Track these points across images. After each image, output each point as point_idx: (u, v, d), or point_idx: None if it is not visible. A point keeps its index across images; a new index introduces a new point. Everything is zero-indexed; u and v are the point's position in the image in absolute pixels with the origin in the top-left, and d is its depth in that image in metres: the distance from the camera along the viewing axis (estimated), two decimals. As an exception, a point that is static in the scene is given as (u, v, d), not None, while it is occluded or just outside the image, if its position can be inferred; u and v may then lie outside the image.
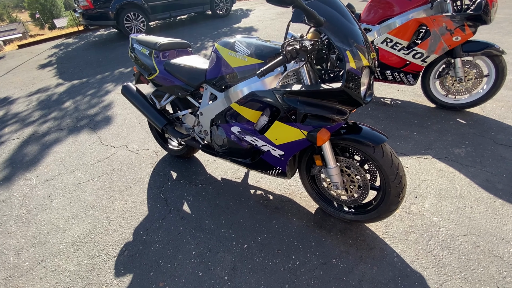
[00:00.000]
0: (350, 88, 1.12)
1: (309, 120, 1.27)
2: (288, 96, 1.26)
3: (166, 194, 2.01)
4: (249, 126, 1.49)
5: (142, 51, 1.94)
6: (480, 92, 2.39)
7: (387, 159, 1.28)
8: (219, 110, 1.60)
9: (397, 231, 1.55)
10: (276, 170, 1.58)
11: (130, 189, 2.11)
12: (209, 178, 2.12)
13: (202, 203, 1.89)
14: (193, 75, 1.71)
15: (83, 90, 4.25)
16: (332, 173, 1.41)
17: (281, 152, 1.45)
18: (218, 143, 1.73)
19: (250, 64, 1.37)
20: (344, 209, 1.59)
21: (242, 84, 1.42)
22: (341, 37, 1.11)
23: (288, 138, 1.36)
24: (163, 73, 1.83)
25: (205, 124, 1.76)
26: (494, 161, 1.94)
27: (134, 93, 2.02)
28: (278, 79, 1.35)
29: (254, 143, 1.51)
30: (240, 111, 1.46)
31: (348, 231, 1.58)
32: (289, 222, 1.68)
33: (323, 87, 1.17)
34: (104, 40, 7.34)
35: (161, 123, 1.93)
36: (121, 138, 2.79)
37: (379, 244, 1.49)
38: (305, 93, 1.22)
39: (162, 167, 2.30)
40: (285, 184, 1.96)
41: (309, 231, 1.61)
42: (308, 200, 1.81)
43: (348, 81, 1.11)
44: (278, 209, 1.77)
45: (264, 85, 1.36)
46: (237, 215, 1.76)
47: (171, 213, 1.84)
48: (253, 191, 1.94)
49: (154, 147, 2.58)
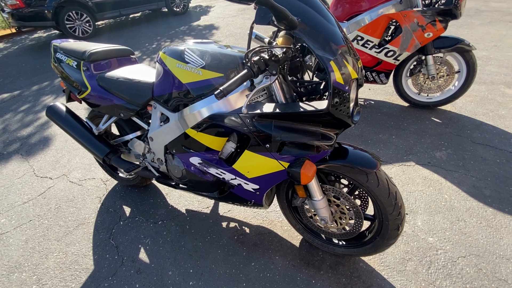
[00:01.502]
0: (337, 108, 0.86)
1: (287, 148, 0.99)
2: (259, 120, 0.98)
3: (118, 238, 1.63)
4: (213, 156, 1.18)
5: (68, 63, 1.52)
6: (452, 89, 2.33)
7: (383, 188, 1.05)
8: (173, 135, 1.27)
9: (393, 260, 1.36)
10: (250, 203, 1.30)
11: (71, 235, 1.68)
12: (171, 212, 1.76)
13: (163, 247, 1.54)
14: (137, 91, 1.35)
15: (14, 105, 3.57)
16: (319, 206, 1.16)
17: (255, 186, 1.16)
18: (175, 174, 1.39)
19: (206, 79, 1.06)
20: (333, 242, 1.36)
21: (199, 104, 1.10)
22: (321, 43, 0.84)
23: (262, 170, 1.08)
24: (96, 90, 1.43)
25: (158, 151, 1.41)
26: (476, 164, 1.86)
27: (64, 115, 1.59)
28: (244, 97, 1.06)
29: (221, 176, 1.20)
30: (199, 139, 1.15)
31: (340, 266, 1.35)
32: (271, 262, 1.40)
33: (303, 107, 0.90)
34: (42, 44, 6.43)
35: (101, 152, 1.53)
36: (60, 166, 2.30)
37: (376, 280, 1.28)
38: (280, 116, 0.94)
39: (112, 201, 1.89)
40: (262, 212, 1.68)
41: (296, 271, 1.35)
42: (291, 230, 1.55)
43: (334, 100, 0.85)
44: (256, 245, 1.49)
45: (227, 105, 1.06)
46: (207, 260, 1.45)
47: (124, 265, 1.47)
48: (226, 223, 1.64)
49: (101, 175, 2.14)
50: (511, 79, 2.81)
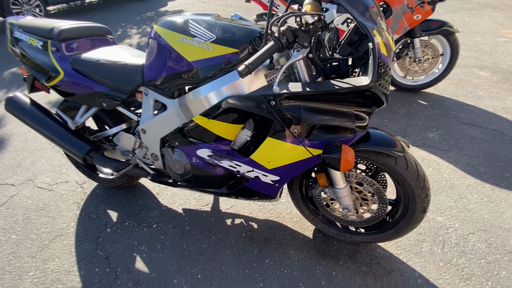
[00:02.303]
0: (379, 84, 0.77)
1: (317, 132, 0.89)
2: (286, 102, 0.85)
3: (106, 248, 1.42)
4: (225, 147, 1.04)
5: (30, 43, 1.25)
6: (436, 72, 2.39)
7: (412, 170, 1.00)
8: (173, 126, 1.09)
9: (408, 242, 1.34)
10: (264, 197, 1.18)
11: (47, 249, 1.43)
12: (166, 212, 1.58)
13: (163, 253, 1.37)
14: (123, 75, 1.15)
15: (-48, 103, 3.01)
16: (342, 194, 1.08)
17: (275, 177, 1.04)
18: (176, 171, 1.22)
19: (218, 56, 0.90)
20: (350, 230, 1.30)
21: (208, 86, 0.94)
22: (361, 9, 0.74)
23: (286, 159, 0.96)
24: (71, 76, 1.19)
25: (152, 145, 1.23)
26: (466, 142, 1.92)
27: (28, 108, 1.31)
28: (260, 77, 0.93)
29: (235, 169, 1.07)
30: (209, 127, 0.99)
31: (357, 254, 1.30)
32: (286, 257, 1.31)
33: (339, 85, 0.80)
34: (-18, 32, 5.54)
35: (81, 150, 1.30)
36: (23, 170, 1.97)
37: (395, 264, 1.26)
38: (312, 95, 0.83)
39: (94, 206, 1.65)
40: (268, 205, 1.57)
41: (314, 264, 1.27)
42: (301, 221, 1.47)
43: (378, 73, 0.75)
44: (267, 241, 1.39)
45: (241, 87, 0.92)
46: (216, 262, 1.31)
47: (119, 278, 1.28)
48: (230, 220, 1.51)
49: (77, 177, 1.87)
50: (481, 62, 2.98)
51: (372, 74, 0.75)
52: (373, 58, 0.74)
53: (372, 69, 0.75)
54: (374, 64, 0.74)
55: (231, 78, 0.91)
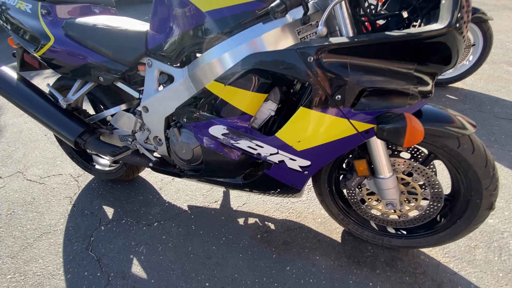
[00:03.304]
0: (459, 30, 0.58)
1: (366, 100, 0.69)
2: (327, 58, 0.66)
3: (99, 248, 1.22)
4: (244, 123, 0.84)
5: (18, 7, 1.08)
6: (466, 64, 2.19)
7: (480, 155, 0.79)
8: (180, 100, 0.91)
9: (457, 249, 1.12)
10: (288, 189, 0.98)
11: (31, 249, 1.24)
12: (168, 210, 1.38)
13: (164, 255, 1.17)
14: (125, 42, 0.97)
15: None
16: (387, 186, 0.87)
17: (305, 162, 0.84)
18: (183, 156, 1.02)
19: (241, 4, 0.72)
20: (389, 232, 1.08)
21: (224, 45, 0.76)
22: None
23: (323, 137, 0.76)
24: (62, 42, 1.02)
25: (156, 126, 1.04)
26: (508, 138, 1.71)
27: (14, 82, 1.14)
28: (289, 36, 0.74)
29: (255, 151, 0.87)
30: (226, 96, 0.80)
31: (397, 261, 1.08)
32: (310, 263, 1.10)
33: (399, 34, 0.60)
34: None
35: (73, 132, 1.11)
36: (14, 162, 1.79)
37: (445, 274, 1.03)
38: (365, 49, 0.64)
39: (88, 202, 1.46)
40: (286, 203, 1.37)
41: (345, 273, 1.06)
42: (327, 222, 1.25)
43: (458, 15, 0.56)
44: (287, 244, 1.17)
45: (265, 46, 0.73)
46: (227, 268, 1.10)
47: (112, 284, 1.08)
48: (242, 220, 1.30)
49: (71, 170, 1.69)
50: (509, 58, 2.78)
51: (450, 15, 0.56)
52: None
53: (449, 10, 0.56)
54: (455, 2, 0.55)
55: (254, 33, 0.73)
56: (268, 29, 0.73)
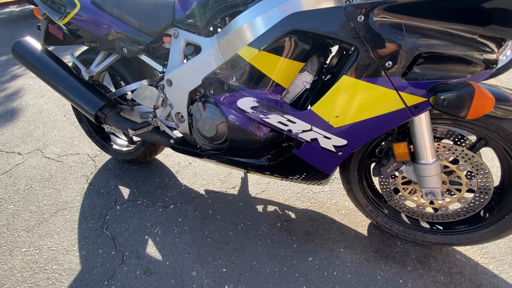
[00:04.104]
0: None
1: (420, 69, 0.61)
2: (383, 16, 0.59)
3: (114, 227, 1.19)
4: (275, 96, 0.78)
5: (45, -26, 1.06)
6: (503, 60, 2.04)
7: (542, 140, 0.70)
8: (207, 71, 0.85)
9: (498, 250, 1.02)
10: (316, 174, 0.91)
11: (47, 224, 1.22)
12: (185, 193, 1.34)
13: (180, 238, 1.12)
14: (151, 10, 0.93)
15: (-25, 75, 2.96)
16: (430, 173, 0.79)
17: (341, 141, 0.77)
18: (206, 133, 0.97)
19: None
20: (423, 227, 1.00)
21: (258, 6, 0.70)
22: None
23: (366, 111, 0.69)
24: (88, 10, 0.98)
25: (179, 101, 0.99)
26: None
27: (38, 52, 1.11)
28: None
29: (285, 127, 0.80)
30: (259, 64, 0.74)
31: (431, 259, 1.00)
32: (334, 256, 1.02)
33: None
34: (15, 17, 5.70)
35: (94, 105, 1.08)
36: (33, 140, 1.80)
37: (485, 276, 0.94)
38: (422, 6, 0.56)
39: (104, 181, 1.44)
40: (308, 192, 1.30)
41: (373, 268, 0.98)
42: (352, 214, 1.18)
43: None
44: (309, 234, 1.11)
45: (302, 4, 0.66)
46: (245, 254, 1.05)
47: (126, 264, 1.04)
48: (262, 207, 1.24)
49: (89, 150, 1.67)
50: (548, 57, 2.59)
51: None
52: None
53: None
54: None
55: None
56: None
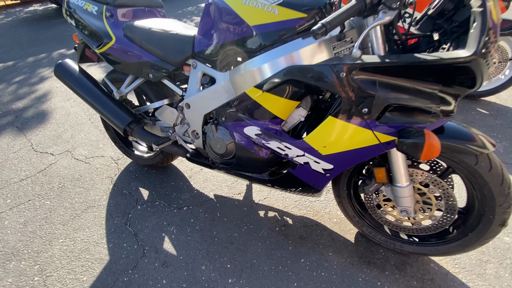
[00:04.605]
0: (484, 58, 0.64)
1: (391, 115, 0.76)
2: (358, 75, 0.74)
3: (136, 224, 1.38)
4: (276, 126, 0.94)
5: (85, 8, 1.25)
6: (502, 79, 2.13)
7: (496, 173, 0.84)
8: (220, 101, 1.02)
9: (469, 261, 1.16)
10: (308, 189, 1.07)
11: (79, 219, 1.43)
12: (196, 196, 1.52)
13: (192, 237, 1.31)
14: (174, 45, 1.10)
15: (8, 76, 3.24)
16: (404, 194, 0.94)
17: (328, 165, 0.93)
18: (217, 150, 1.15)
19: (283, 21, 0.82)
20: (401, 238, 1.15)
21: (265, 56, 0.86)
22: None
23: (347, 144, 0.85)
24: (122, 42, 1.17)
25: (195, 122, 1.17)
26: (537, 158, 1.67)
27: (77, 74, 1.31)
28: (324, 50, 0.82)
29: (283, 152, 0.97)
30: (263, 101, 0.91)
31: (407, 266, 1.14)
32: (324, 259, 1.19)
33: (428, 58, 0.67)
34: (39, 17, 6.01)
35: (123, 121, 1.27)
36: (63, 141, 2.02)
37: (453, 284, 1.08)
38: (393, 69, 0.71)
39: (126, 183, 1.64)
40: (305, 201, 1.46)
41: (355, 271, 1.14)
42: (342, 223, 1.33)
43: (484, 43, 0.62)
44: (303, 239, 1.27)
45: (302, 59, 0.82)
46: (247, 253, 1.22)
47: (146, 257, 1.23)
48: (263, 212, 1.41)
49: (112, 153, 1.88)
50: (552, 74, 2.64)
51: (476, 43, 0.62)
52: (481, 24, 0.61)
53: (476, 38, 0.62)
54: (482, 31, 0.61)
55: (293, 47, 0.82)
56: (306, 44, 0.82)
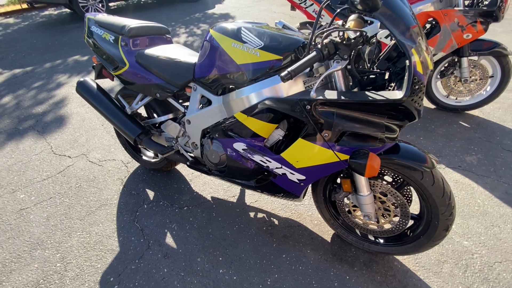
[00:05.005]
0: (412, 99, 0.82)
1: (347, 139, 0.95)
2: (320, 107, 0.93)
3: (142, 221, 1.59)
4: (258, 143, 1.14)
5: (104, 37, 1.46)
6: (483, 94, 2.28)
7: (438, 187, 1.02)
8: (214, 119, 1.22)
9: (428, 261, 1.33)
10: (287, 194, 1.26)
11: (94, 215, 1.65)
12: (196, 198, 1.73)
13: (190, 233, 1.51)
14: (177, 70, 1.30)
15: (27, 81, 3.51)
16: (365, 202, 1.12)
17: (301, 176, 1.12)
18: (212, 160, 1.35)
19: (264, 61, 1.01)
20: (369, 239, 1.33)
21: (250, 88, 1.05)
22: (402, 28, 0.80)
23: (314, 160, 1.04)
24: (134, 68, 1.38)
25: (194, 135, 1.37)
26: (507, 170, 1.82)
27: (95, 92, 1.53)
28: (299, 83, 1.02)
29: (265, 164, 1.16)
30: (248, 123, 1.10)
31: (374, 264, 1.33)
32: (302, 255, 1.38)
33: (373, 96, 0.86)
34: (54, 21, 6.31)
35: (133, 132, 1.48)
36: (79, 145, 2.26)
37: (412, 280, 1.26)
38: (345, 104, 0.90)
39: (135, 184, 1.86)
40: (291, 204, 1.65)
41: (329, 266, 1.32)
42: (321, 224, 1.52)
43: (411, 89, 0.80)
44: (287, 237, 1.46)
45: (280, 91, 1.01)
46: (237, 249, 1.42)
47: (151, 249, 1.44)
48: (253, 213, 1.61)
49: (122, 157, 2.10)
50: (538, 88, 2.76)
51: (406, 89, 0.80)
52: (408, 74, 0.79)
53: (406, 85, 0.81)
54: (409, 81, 0.79)
55: (273, 82, 1.01)
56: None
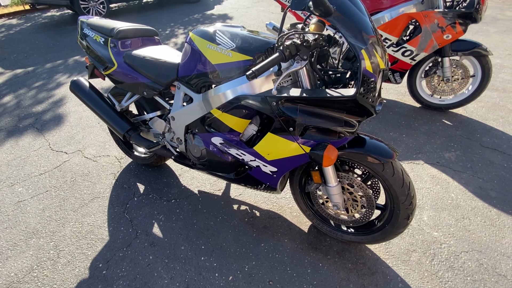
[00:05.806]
0: (363, 96, 0.90)
1: (310, 133, 1.04)
2: (285, 104, 1.02)
3: (132, 213, 1.69)
4: (234, 137, 1.22)
5: (95, 39, 1.56)
6: (465, 93, 2.35)
7: (398, 177, 1.10)
8: (196, 115, 1.31)
9: (398, 250, 1.41)
10: (266, 186, 1.34)
11: (86, 207, 1.74)
12: (183, 191, 1.82)
13: (176, 224, 1.60)
14: (162, 70, 1.39)
15: (28, 81, 3.63)
16: (333, 192, 1.20)
17: (273, 168, 1.21)
18: (194, 154, 1.44)
19: (236, 61, 1.10)
20: (342, 229, 1.41)
21: (225, 86, 1.14)
22: (354, 31, 0.88)
23: (283, 153, 1.12)
24: (122, 67, 1.47)
25: (178, 131, 1.46)
26: (483, 166, 1.89)
27: (87, 90, 1.63)
28: (270, 81, 1.10)
29: (240, 157, 1.25)
30: (223, 119, 1.19)
31: (346, 252, 1.41)
32: (280, 244, 1.46)
33: (330, 93, 0.94)
34: (55, 23, 6.45)
35: (122, 128, 1.58)
36: (75, 142, 2.36)
37: (381, 267, 1.34)
38: (307, 100, 0.98)
39: (127, 178, 1.95)
40: (273, 198, 1.73)
41: (304, 254, 1.41)
42: (300, 216, 1.60)
43: (361, 87, 0.89)
44: (266, 228, 1.55)
45: (252, 88, 1.10)
46: (219, 238, 1.51)
47: (138, 238, 1.53)
48: (237, 206, 1.69)
49: (116, 153, 2.20)
50: (523, 87, 2.82)
51: (357, 87, 0.89)
52: (359, 73, 0.87)
53: (357, 83, 0.89)
54: (359, 79, 0.87)
55: (245, 80, 1.10)
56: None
